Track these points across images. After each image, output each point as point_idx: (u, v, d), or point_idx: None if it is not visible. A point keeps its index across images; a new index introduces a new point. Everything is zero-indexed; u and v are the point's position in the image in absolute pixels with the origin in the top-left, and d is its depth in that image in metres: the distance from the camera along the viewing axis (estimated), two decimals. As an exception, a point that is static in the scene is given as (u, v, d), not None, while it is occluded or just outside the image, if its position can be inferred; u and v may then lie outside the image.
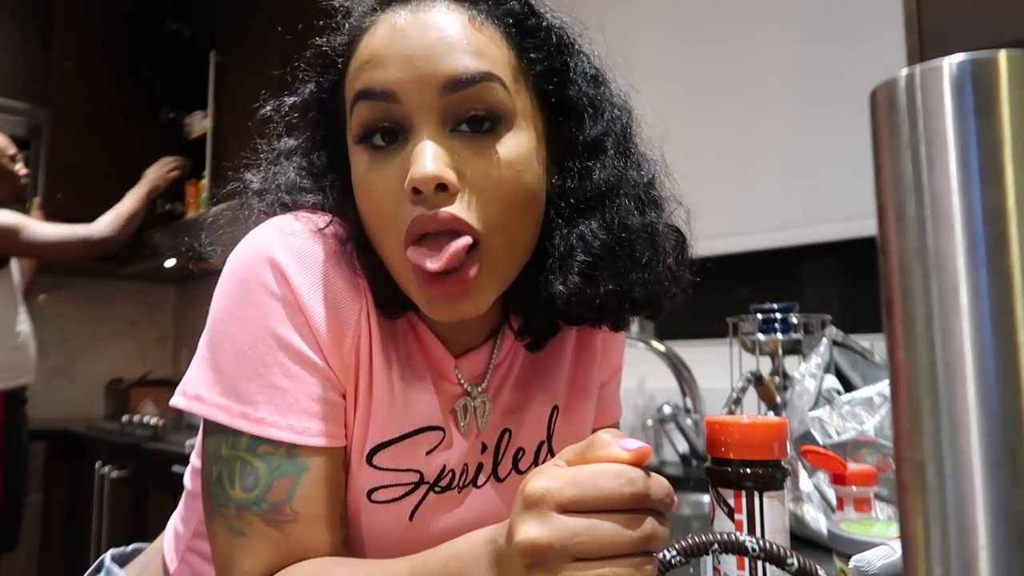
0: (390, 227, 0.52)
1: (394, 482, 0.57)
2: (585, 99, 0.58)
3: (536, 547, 0.38)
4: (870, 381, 0.98)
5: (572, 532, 0.37)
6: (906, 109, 0.22)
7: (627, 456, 0.40)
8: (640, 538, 0.38)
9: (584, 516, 0.38)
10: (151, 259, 2.75)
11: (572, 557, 0.38)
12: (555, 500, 0.38)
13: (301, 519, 0.52)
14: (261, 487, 0.52)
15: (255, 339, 0.53)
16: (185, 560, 0.65)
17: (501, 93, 0.52)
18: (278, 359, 0.53)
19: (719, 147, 1.72)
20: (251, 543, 0.52)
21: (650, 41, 1.87)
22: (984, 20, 0.97)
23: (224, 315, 0.54)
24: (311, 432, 0.53)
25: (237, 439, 0.53)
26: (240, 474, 0.52)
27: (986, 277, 0.20)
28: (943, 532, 0.20)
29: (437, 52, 0.51)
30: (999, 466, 0.20)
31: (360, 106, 0.52)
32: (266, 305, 0.53)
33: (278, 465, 0.52)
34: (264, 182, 0.62)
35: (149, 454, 2.16)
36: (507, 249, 0.53)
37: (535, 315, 0.62)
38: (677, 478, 1.52)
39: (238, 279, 0.54)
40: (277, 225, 0.56)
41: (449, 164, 0.50)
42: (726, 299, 1.78)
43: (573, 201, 0.57)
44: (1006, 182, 0.20)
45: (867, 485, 0.68)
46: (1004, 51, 0.20)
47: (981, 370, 0.20)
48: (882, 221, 0.22)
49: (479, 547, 0.43)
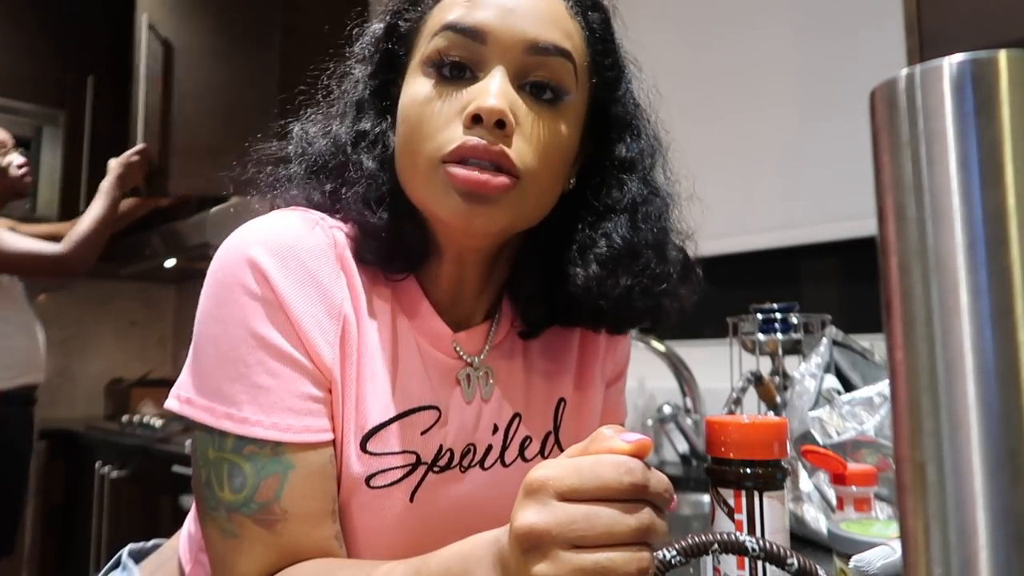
0: (433, 145, 0.54)
1: (390, 465, 0.57)
2: (629, 118, 0.64)
3: (533, 532, 0.38)
4: (870, 381, 0.98)
5: (570, 519, 0.38)
6: (906, 109, 0.22)
7: (628, 448, 0.40)
8: (637, 528, 0.38)
9: (583, 504, 0.38)
10: (151, 259, 2.75)
11: (569, 544, 0.38)
12: (555, 488, 0.39)
13: (291, 517, 0.52)
14: (249, 488, 0.52)
15: (236, 340, 0.53)
16: (199, 561, 0.65)
17: (570, 75, 0.57)
18: (259, 358, 0.53)
19: (719, 147, 1.72)
20: (244, 544, 0.52)
21: (650, 40, 1.87)
22: (984, 20, 0.97)
23: (206, 318, 0.55)
24: (295, 429, 0.53)
25: (223, 440, 0.53)
26: (228, 476, 0.52)
27: (986, 277, 0.20)
28: (943, 532, 0.20)
29: (534, 14, 0.56)
30: (999, 466, 0.20)
31: (444, 35, 0.55)
32: (246, 306, 0.53)
33: (264, 465, 0.52)
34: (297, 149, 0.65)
35: (149, 454, 2.16)
36: (533, 203, 0.57)
37: (534, 307, 0.64)
38: (677, 478, 1.52)
39: (218, 281, 0.55)
40: (257, 223, 0.57)
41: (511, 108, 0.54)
42: (726, 299, 1.78)
43: (601, 205, 0.61)
44: (1006, 182, 0.20)
45: (867, 485, 0.68)
46: (1004, 51, 0.20)
47: (981, 370, 0.20)
48: (882, 221, 0.22)
49: (483, 548, 0.43)
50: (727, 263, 1.72)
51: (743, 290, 1.74)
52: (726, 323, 1.29)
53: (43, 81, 2.85)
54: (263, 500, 0.52)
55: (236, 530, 0.52)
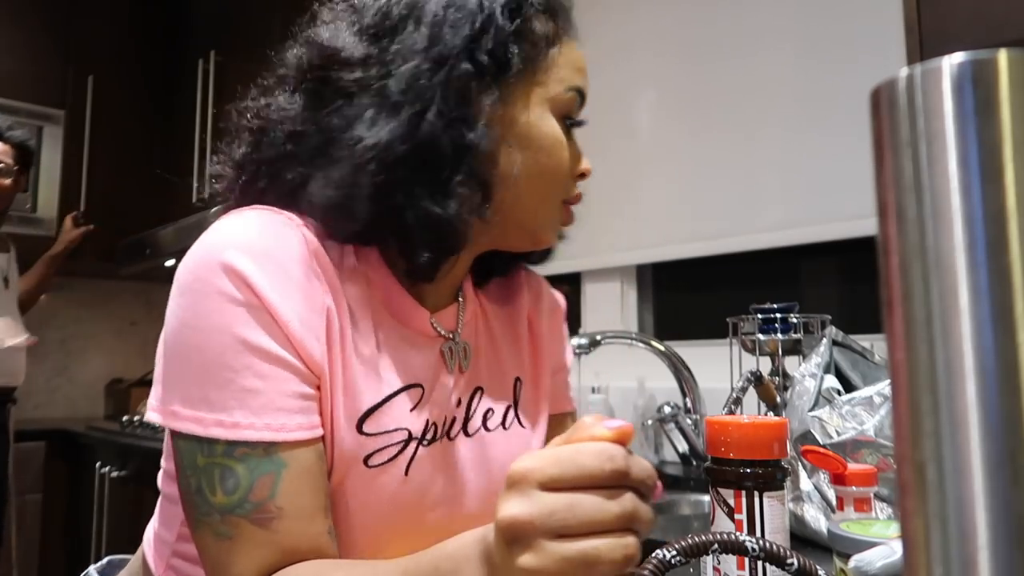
0: (564, 187, 0.66)
1: (387, 443, 0.59)
2: None
3: (516, 523, 0.38)
4: (870, 381, 0.98)
5: (552, 508, 0.38)
6: (906, 109, 0.22)
7: (609, 435, 0.40)
8: (621, 514, 0.38)
9: (565, 493, 0.38)
10: (151, 259, 2.75)
11: (553, 533, 0.38)
12: (536, 478, 0.39)
13: (286, 515, 0.52)
14: (243, 489, 0.52)
15: (222, 347, 0.52)
16: (171, 566, 0.65)
17: None
18: (247, 363, 0.53)
19: (719, 147, 1.72)
20: (239, 545, 0.52)
21: (651, 40, 1.87)
22: (984, 20, 0.97)
23: (185, 328, 0.54)
24: (288, 428, 0.53)
25: (212, 447, 0.52)
26: (220, 479, 0.52)
27: (986, 277, 0.20)
28: (943, 532, 0.20)
29: None
30: (999, 466, 0.20)
31: (574, 95, 0.65)
32: (228, 312, 0.53)
33: (257, 464, 0.52)
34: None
35: (149, 454, 2.16)
36: None
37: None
38: (677, 478, 1.52)
39: (193, 290, 0.54)
40: (224, 227, 0.56)
41: None
42: (726, 299, 1.78)
43: None
44: (1006, 182, 0.20)
45: (867, 485, 0.68)
46: (1004, 51, 0.20)
47: (981, 370, 0.20)
48: (882, 221, 0.22)
49: (470, 546, 0.44)
50: (727, 263, 1.72)
51: (743, 290, 1.74)
52: (726, 323, 1.29)
53: (43, 81, 2.85)
54: (257, 499, 0.52)
55: (231, 531, 0.52)
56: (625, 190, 1.88)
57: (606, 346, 1.60)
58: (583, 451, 0.39)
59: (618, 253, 1.90)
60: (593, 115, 0.70)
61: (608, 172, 1.89)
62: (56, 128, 2.86)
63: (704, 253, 1.70)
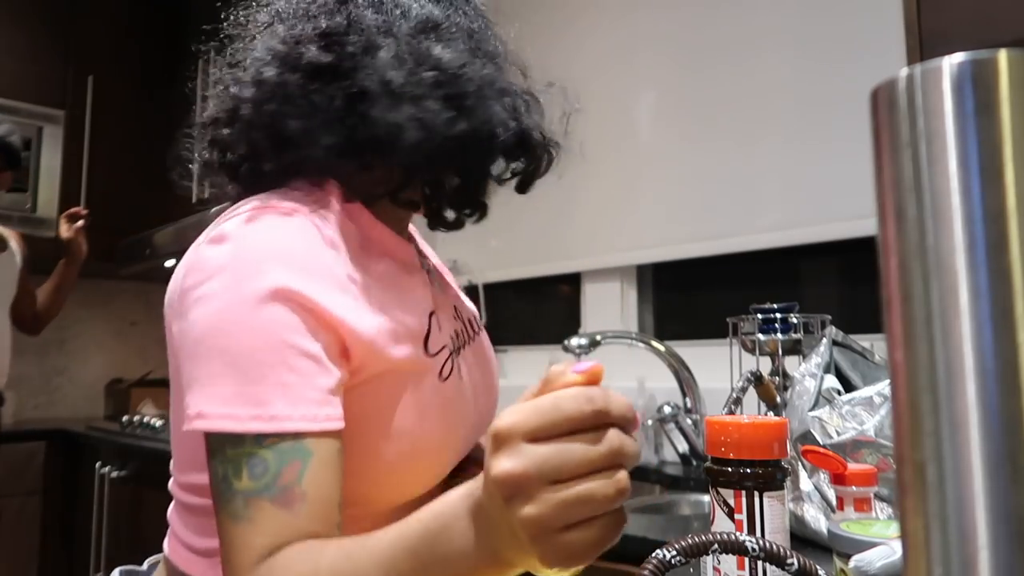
0: None
1: (444, 359, 0.68)
2: None
3: (511, 478, 0.39)
4: (870, 381, 0.98)
5: (543, 458, 0.39)
6: (906, 109, 0.22)
7: (581, 379, 0.41)
8: (608, 451, 0.40)
9: (552, 442, 0.39)
10: (151, 259, 2.75)
11: (548, 481, 0.39)
12: (521, 431, 0.39)
13: (309, 500, 0.53)
14: (270, 474, 0.53)
15: (260, 344, 0.55)
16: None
17: None
18: (282, 357, 0.55)
19: (719, 147, 1.72)
20: (258, 525, 0.52)
21: (651, 41, 1.87)
22: (984, 20, 0.97)
23: (214, 330, 0.55)
24: (320, 418, 0.55)
25: (242, 437, 0.53)
26: (248, 466, 0.53)
27: (986, 277, 0.20)
28: (943, 532, 0.20)
29: None
30: (999, 466, 0.20)
31: None
32: (264, 312, 0.55)
33: (286, 451, 0.53)
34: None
35: (149, 454, 2.16)
36: None
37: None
38: (677, 478, 1.52)
39: (222, 297, 0.56)
40: (254, 240, 0.58)
41: None
42: (726, 299, 1.78)
43: None
44: (1006, 182, 0.20)
45: (867, 485, 0.68)
46: (1004, 51, 0.20)
47: (981, 370, 0.20)
48: (882, 221, 0.22)
49: (457, 503, 0.45)
50: (727, 263, 1.72)
51: (743, 290, 1.74)
52: (726, 323, 1.29)
53: (43, 81, 2.85)
54: (284, 484, 0.53)
55: (253, 513, 0.52)
56: (625, 191, 1.88)
57: (606, 346, 1.60)
58: (562, 397, 0.40)
59: (618, 253, 1.90)
60: (593, 116, 0.70)
61: (608, 173, 1.89)
62: (56, 128, 2.86)
63: (704, 253, 1.70)
